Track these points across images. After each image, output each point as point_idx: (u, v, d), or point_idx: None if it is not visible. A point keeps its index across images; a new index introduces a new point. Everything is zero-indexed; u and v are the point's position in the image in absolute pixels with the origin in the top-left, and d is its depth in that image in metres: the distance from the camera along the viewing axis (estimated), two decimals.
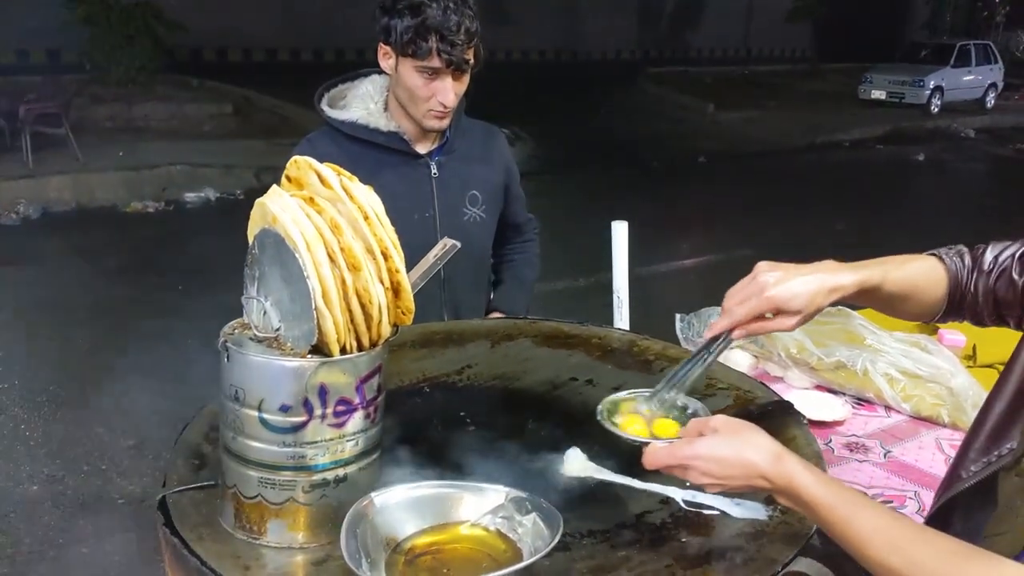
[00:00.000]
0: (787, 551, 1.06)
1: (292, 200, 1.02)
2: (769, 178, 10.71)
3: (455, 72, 1.85)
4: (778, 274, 1.19)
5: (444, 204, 2.00)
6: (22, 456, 3.65)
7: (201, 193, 8.31)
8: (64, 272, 6.25)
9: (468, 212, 2.04)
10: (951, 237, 1.40)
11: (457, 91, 1.89)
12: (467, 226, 2.03)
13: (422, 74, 1.84)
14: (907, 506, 1.52)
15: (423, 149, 2.01)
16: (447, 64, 1.81)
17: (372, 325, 1.05)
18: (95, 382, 4.30)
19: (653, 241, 6.26)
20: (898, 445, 1.74)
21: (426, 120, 1.91)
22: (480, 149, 2.10)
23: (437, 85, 1.85)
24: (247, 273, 1.11)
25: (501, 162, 2.13)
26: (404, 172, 1.98)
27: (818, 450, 1.35)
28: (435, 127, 1.93)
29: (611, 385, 1.58)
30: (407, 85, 1.87)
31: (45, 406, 4.08)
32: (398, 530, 1.07)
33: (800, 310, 1.18)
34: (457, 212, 2.02)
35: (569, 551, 1.08)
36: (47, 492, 3.41)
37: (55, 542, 3.11)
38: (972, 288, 1.22)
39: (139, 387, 4.14)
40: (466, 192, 2.04)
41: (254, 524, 1.07)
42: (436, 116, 1.90)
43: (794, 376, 1.99)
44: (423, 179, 1.99)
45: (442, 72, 1.84)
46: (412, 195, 1.98)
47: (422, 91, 1.86)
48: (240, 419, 1.05)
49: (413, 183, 1.98)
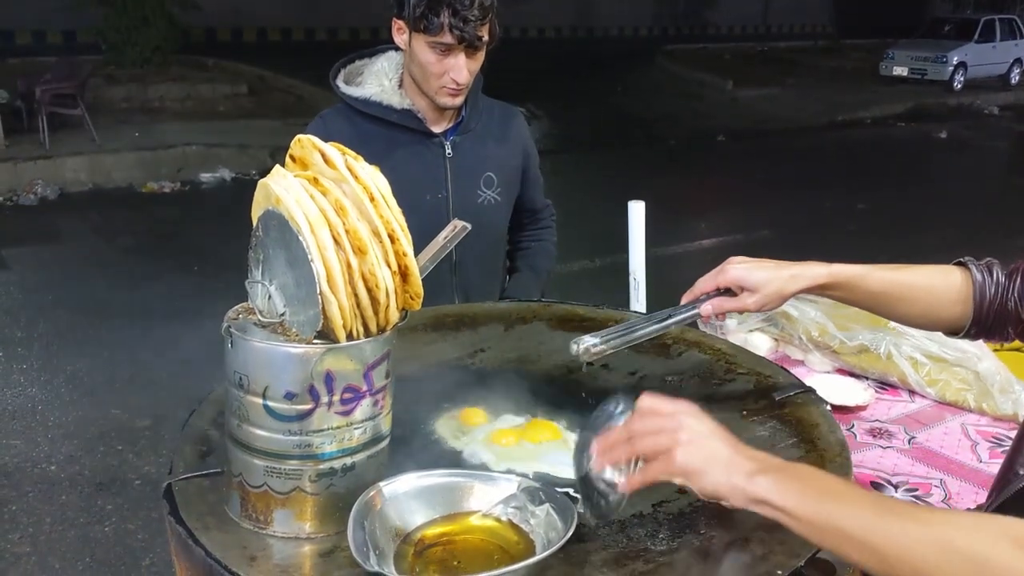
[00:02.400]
0: (810, 544, 1.02)
1: (296, 180, 0.98)
2: (789, 157, 10.57)
3: (468, 49, 1.79)
4: (746, 261, 1.30)
5: (458, 185, 1.96)
6: (40, 436, 3.67)
7: (216, 173, 8.31)
8: (81, 252, 6.28)
9: (482, 194, 1.99)
10: (974, 216, 1.35)
11: (471, 68, 1.84)
12: (481, 209, 1.98)
13: (434, 50, 1.79)
14: (932, 494, 1.47)
15: (438, 128, 1.96)
16: (459, 40, 1.76)
17: (380, 310, 1.02)
18: (111, 362, 4.32)
19: (671, 221, 6.19)
20: (923, 431, 1.69)
21: (439, 97, 1.86)
22: (497, 129, 2.04)
23: (450, 62, 1.80)
24: (251, 256, 1.07)
25: (519, 143, 2.08)
26: (417, 151, 1.93)
27: (842, 438, 1.30)
28: (448, 104, 1.89)
29: (627, 370, 1.55)
30: (420, 61, 1.82)
31: (62, 387, 4.10)
32: (407, 521, 1.04)
33: (757, 287, 1.26)
34: (471, 194, 1.98)
35: (584, 542, 1.05)
36: (64, 472, 3.43)
37: (75, 521, 3.13)
38: (1004, 302, 1.17)
39: (155, 367, 4.15)
40: (481, 173, 1.99)
41: (260, 514, 1.05)
42: (449, 93, 1.85)
43: (815, 360, 1.94)
44: (437, 159, 1.95)
45: (455, 48, 1.78)
46: (425, 175, 1.94)
47: (435, 67, 1.81)
48: (244, 406, 1.02)
49: (426, 163, 1.94)
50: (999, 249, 1.29)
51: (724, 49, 18.77)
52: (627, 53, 17.38)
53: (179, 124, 9.51)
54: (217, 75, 11.62)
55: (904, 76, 17.15)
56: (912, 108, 14.58)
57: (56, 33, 12.31)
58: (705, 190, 8.70)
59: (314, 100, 11.15)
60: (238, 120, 10.03)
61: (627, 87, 14.34)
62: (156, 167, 8.23)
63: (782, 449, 1.28)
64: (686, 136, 11.29)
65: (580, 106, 12.36)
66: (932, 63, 16.91)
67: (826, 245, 6.83)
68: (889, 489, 1.48)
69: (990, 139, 13.13)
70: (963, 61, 16.97)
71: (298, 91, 11.30)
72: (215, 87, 11.14)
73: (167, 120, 9.75)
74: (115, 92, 10.34)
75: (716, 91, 14.86)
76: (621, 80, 14.74)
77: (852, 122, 13.35)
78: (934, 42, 17.39)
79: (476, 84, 1.96)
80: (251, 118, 10.13)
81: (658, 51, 17.55)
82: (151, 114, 9.95)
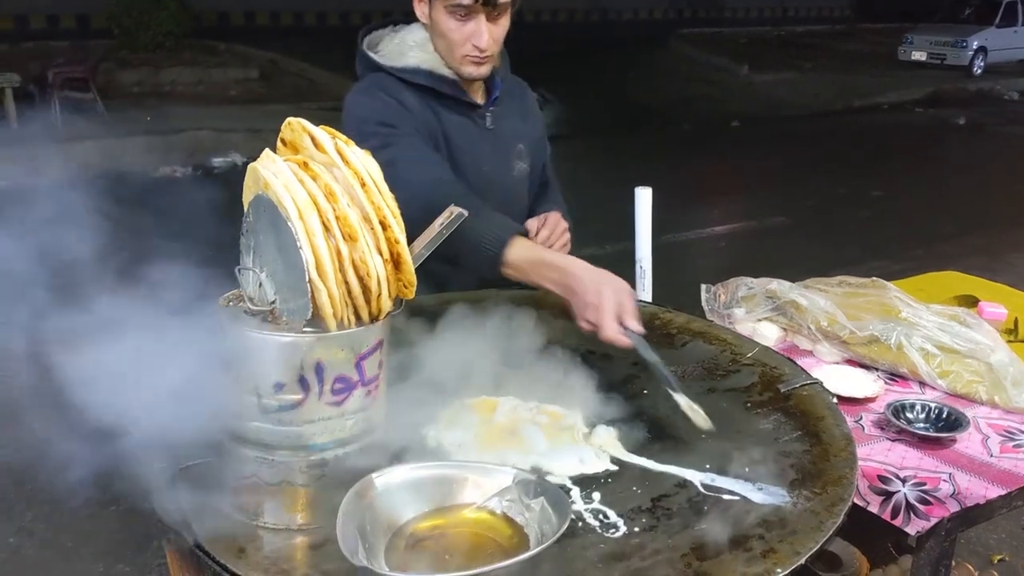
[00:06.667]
0: (811, 542, 0.99)
1: (285, 165, 0.96)
2: (804, 142, 10.45)
3: (489, 11, 1.72)
4: None
5: (497, 158, 1.91)
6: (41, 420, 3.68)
7: (228, 158, 8.30)
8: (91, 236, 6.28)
9: (516, 166, 1.95)
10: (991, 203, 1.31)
11: (493, 33, 1.75)
12: (516, 181, 1.95)
13: (454, 15, 1.72)
14: (941, 488, 1.44)
15: (479, 101, 1.91)
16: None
17: (371, 299, 0.99)
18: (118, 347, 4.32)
19: (683, 207, 6.14)
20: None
21: (463, 67, 1.79)
22: (518, 102, 2.01)
23: (471, 27, 1.73)
24: (242, 242, 1.06)
25: (536, 114, 2.06)
26: (463, 123, 1.87)
27: (848, 431, 1.27)
28: (473, 75, 1.81)
29: (630, 360, 1.52)
30: (441, 30, 1.75)
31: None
32: (399, 513, 1.02)
33: None
34: (508, 167, 1.94)
35: (579, 536, 1.02)
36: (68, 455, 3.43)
37: (87, 503, 3.14)
38: None
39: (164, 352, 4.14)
40: (515, 146, 1.95)
41: (250, 504, 1.03)
42: (473, 62, 1.77)
43: (824, 350, 1.90)
44: (480, 130, 1.89)
45: (474, 10, 1.71)
46: (472, 147, 1.88)
47: (456, 34, 1.74)
48: (234, 396, 1.00)
49: (472, 135, 1.88)
50: (1015, 237, 1.25)
51: (740, 33, 18.56)
52: (642, 37, 17.18)
53: (191, 108, 9.49)
54: (229, 59, 11.59)
55: (923, 61, 16.91)
56: (930, 93, 14.39)
57: (69, 17, 12.30)
58: (719, 176, 8.62)
59: (325, 84, 11.12)
60: (250, 105, 10.01)
61: (641, 71, 14.20)
62: (167, 151, 8.23)
63: (786, 442, 1.25)
64: (700, 121, 11.18)
65: (593, 91, 12.25)
66: (951, 48, 16.66)
67: (840, 231, 6.78)
68: (897, 483, 1.45)
69: (1010, 125, 12.91)
70: (983, 46, 16.71)
71: (310, 75, 11.26)
72: (227, 71, 11.11)
73: (179, 104, 9.73)
74: (127, 76, 10.33)
75: (731, 75, 14.70)
76: (635, 64, 14.59)
77: (869, 107, 13.19)
78: (954, 26, 17.12)
79: (504, 60, 1.91)
80: (263, 103, 10.10)
81: (673, 35, 17.37)
82: (163, 98, 9.94)
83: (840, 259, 5.34)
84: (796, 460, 1.20)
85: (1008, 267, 5.55)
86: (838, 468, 1.17)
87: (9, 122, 7.94)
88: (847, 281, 2.09)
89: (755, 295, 2.01)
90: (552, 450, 1.20)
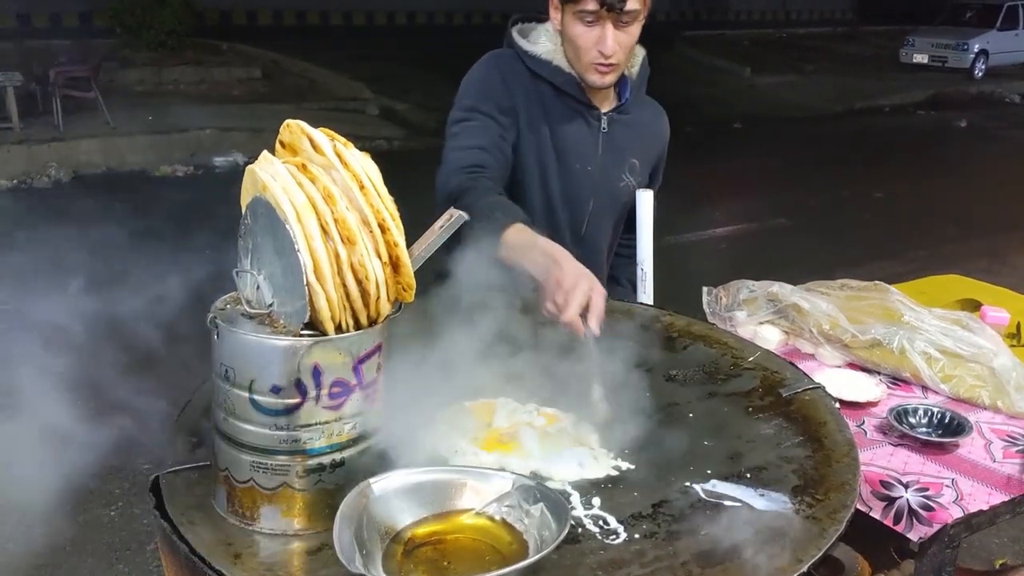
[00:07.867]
0: (813, 549, 0.98)
1: (283, 167, 0.95)
2: (806, 144, 10.44)
3: (615, 18, 1.72)
4: None
5: (605, 163, 1.92)
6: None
7: (230, 157, 8.29)
8: (94, 234, 6.28)
9: (625, 179, 1.96)
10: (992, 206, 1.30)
11: (620, 41, 1.76)
12: (621, 192, 1.95)
13: (582, 20, 1.73)
14: (943, 494, 1.43)
15: (599, 105, 1.92)
16: (601, 4, 1.69)
17: (370, 302, 0.98)
18: (120, 345, 4.31)
19: (686, 209, 6.13)
20: None
21: (588, 75, 1.80)
22: (647, 123, 2.02)
23: (596, 32, 1.73)
24: (240, 245, 1.04)
25: (661, 143, 2.06)
26: (574, 119, 1.88)
27: (850, 436, 1.26)
28: (597, 83, 1.81)
29: (630, 362, 1.50)
30: (570, 36, 1.77)
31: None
32: (397, 519, 1.01)
33: None
34: (614, 175, 1.94)
35: (579, 543, 1.01)
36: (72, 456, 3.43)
37: (85, 503, 3.14)
38: None
39: (165, 352, 4.14)
40: (628, 158, 1.95)
41: (246, 509, 1.02)
42: (598, 70, 1.78)
43: (826, 354, 1.89)
44: (593, 130, 1.90)
45: (601, 16, 1.71)
46: (580, 143, 1.89)
47: (582, 40, 1.75)
48: (231, 400, 0.99)
49: (582, 131, 1.89)
50: (1018, 239, 1.24)
51: (743, 35, 18.54)
52: (644, 39, 17.14)
53: (193, 108, 9.48)
54: (231, 59, 11.58)
55: (924, 63, 16.90)
56: (932, 96, 14.38)
57: (72, 15, 12.30)
58: (721, 177, 8.59)
59: (328, 84, 11.12)
60: (252, 104, 10.00)
61: None
62: (169, 150, 8.23)
63: (788, 447, 1.24)
64: (703, 123, 11.15)
65: None
66: (953, 50, 16.66)
67: (842, 233, 6.77)
68: (899, 488, 1.44)
69: (1011, 128, 12.91)
70: (984, 49, 16.70)
71: (312, 75, 11.25)
72: (229, 71, 11.11)
73: (181, 103, 9.71)
74: (129, 75, 10.33)
75: (734, 78, 14.69)
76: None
77: (870, 110, 13.18)
78: (955, 29, 17.12)
79: (643, 72, 1.94)
80: (265, 102, 10.10)
81: (676, 37, 17.36)
82: (165, 97, 9.93)
83: (842, 261, 5.34)
84: (798, 465, 1.19)
85: (1011, 270, 5.54)
86: (840, 474, 1.16)
87: (11, 121, 7.93)
88: (849, 284, 2.08)
89: (757, 298, 2.00)
90: (551, 454, 1.19)
